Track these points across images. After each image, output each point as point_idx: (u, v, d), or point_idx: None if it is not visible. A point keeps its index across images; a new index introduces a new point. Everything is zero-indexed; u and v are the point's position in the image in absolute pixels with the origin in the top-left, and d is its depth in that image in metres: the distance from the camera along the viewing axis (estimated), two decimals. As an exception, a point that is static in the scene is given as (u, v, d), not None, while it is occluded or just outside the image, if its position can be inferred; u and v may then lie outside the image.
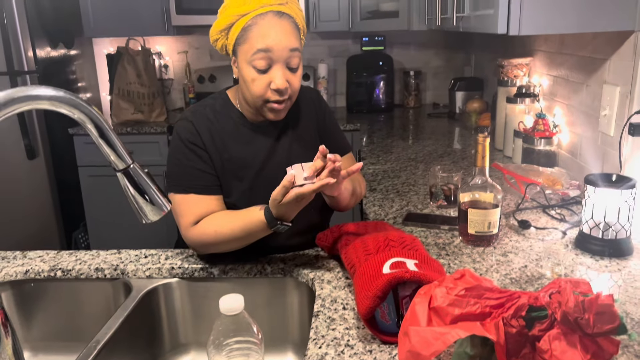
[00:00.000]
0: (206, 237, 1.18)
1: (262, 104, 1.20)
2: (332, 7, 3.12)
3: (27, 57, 2.73)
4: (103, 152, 0.77)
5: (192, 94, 3.44)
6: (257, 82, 1.17)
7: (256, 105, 1.22)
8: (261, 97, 1.19)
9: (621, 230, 1.18)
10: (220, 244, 1.19)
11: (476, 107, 2.74)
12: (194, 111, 1.28)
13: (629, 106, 1.38)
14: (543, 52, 2.02)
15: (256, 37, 1.15)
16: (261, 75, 1.17)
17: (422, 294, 0.80)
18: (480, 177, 1.25)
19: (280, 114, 1.23)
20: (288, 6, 1.18)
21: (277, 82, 1.16)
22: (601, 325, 0.65)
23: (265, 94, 1.18)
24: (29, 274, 1.25)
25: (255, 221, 1.13)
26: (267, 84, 1.17)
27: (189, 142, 1.23)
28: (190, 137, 1.24)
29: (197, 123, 1.25)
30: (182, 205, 1.21)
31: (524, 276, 1.12)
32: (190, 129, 1.24)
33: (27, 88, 0.71)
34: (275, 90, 1.17)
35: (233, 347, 0.79)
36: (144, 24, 3.09)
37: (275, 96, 1.18)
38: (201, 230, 1.19)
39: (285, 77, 1.17)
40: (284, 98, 1.19)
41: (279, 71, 1.16)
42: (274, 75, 1.16)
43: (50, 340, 1.28)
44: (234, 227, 1.16)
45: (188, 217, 1.20)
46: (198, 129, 1.24)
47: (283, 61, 1.17)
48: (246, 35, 1.16)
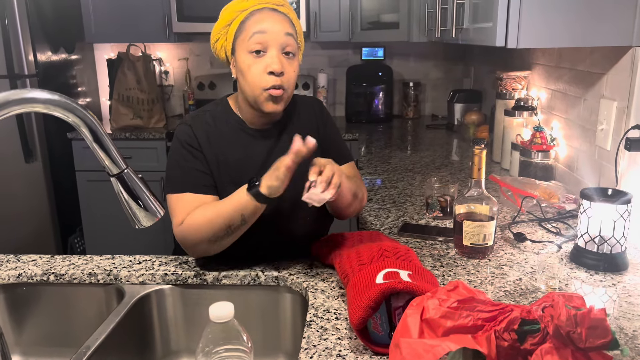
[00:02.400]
0: (193, 228, 1.17)
1: (260, 93, 1.20)
2: (333, 18, 3.13)
3: (27, 60, 2.74)
4: (97, 156, 0.77)
5: (191, 100, 3.45)
6: (253, 68, 1.19)
7: (254, 95, 1.21)
8: (258, 83, 1.19)
9: (616, 244, 1.18)
10: (206, 232, 1.16)
11: (474, 119, 2.75)
12: (194, 116, 1.31)
13: (626, 121, 1.38)
14: (541, 65, 2.03)
15: (252, 24, 1.19)
16: (257, 59, 1.18)
17: (415, 306, 0.80)
18: (476, 189, 1.25)
19: (278, 105, 1.22)
20: (284, 8, 1.24)
21: (272, 65, 1.17)
22: (593, 340, 0.65)
23: (262, 79, 1.18)
24: (21, 278, 1.25)
25: (239, 193, 1.13)
26: (263, 68, 1.18)
27: (186, 144, 1.25)
28: (187, 139, 1.25)
29: (194, 126, 1.27)
30: (176, 205, 1.21)
31: (518, 289, 1.11)
32: (188, 131, 1.26)
33: (23, 91, 0.71)
34: (271, 74, 1.18)
35: (222, 355, 0.78)
36: (145, 30, 3.10)
37: (271, 80, 1.18)
38: (188, 224, 1.18)
39: (281, 61, 1.19)
40: (279, 83, 1.19)
41: (273, 54, 1.18)
42: (270, 58, 1.18)
43: (42, 345, 1.28)
44: (219, 208, 1.16)
45: (180, 215, 1.19)
46: (195, 132, 1.26)
47: (278, 45, 1.19)
48: (243, 26, 1.20)
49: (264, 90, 1.19)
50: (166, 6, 3.05)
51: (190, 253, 1.24)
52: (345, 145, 1.47)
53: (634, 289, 1.11)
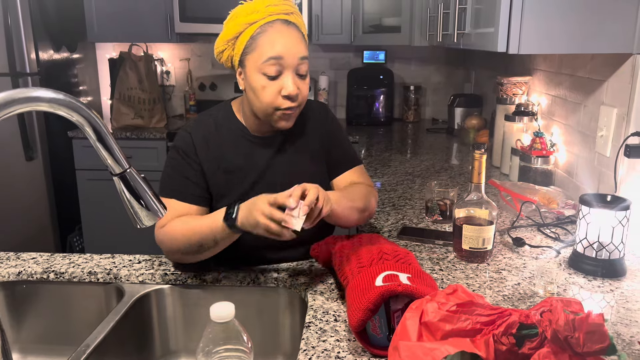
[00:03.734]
0: (169, 236, 1.17)
1: (273, 112, 1.19)
2: (335, 20, 3.14)
3: (29, 59, 2.75)
4: (100, 155, 0.77)
5: (192, 101, 3.46)
6: (268, 89, 1.17)
7: (266, 114, 1.20)
8: (272, 104, 1.18)
9: (615, 250, 1.18)
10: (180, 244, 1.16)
11: (475, 124, 2.75)
12: (196, 122, 1.30)
13: (626, 128, 1.39)
14: (542, 71, 2.04)
15: (266, 45, 1.15)
16: (271, 82, 1.17)
17: (414, 309, 0.80)
18: (475, 193, 1.25)
19: (290, 121, 1.22)
20: (293, 16, 1.20)
21: (288, 89, 1.16)
22: (591, 345, 0.65)
23: (276, 101, 1.18)
24: (21, 276, 1.25)
25: (216, 216, 1.11)
26: (277, 91, 1.17)
27: (182, 151, 1.25)
28: (184, 146, 1.26)
29: (194, 134, 1.27)
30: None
31: (516, 294, 1.12)
32: (187, 138, 1.26)
33: (27, 90, 0.71)
34: (286, 97, 1.17)
35: (222, 355, 0.79)
36: (148, 30, 3.11)
37: (286, 103, 1.18)
38: (165, 231, 1.18)
39: (296, 83, 1.18)
40: (295, 104, 1.19)
41: (289, 78, 1.17)
42: (285, 82, 1.17)
43: (41, 343, 1.28)
44: (197, 224, 1.15)
45: (162, 219, 1.19)
46: (194, 140, 1.26)
47: (293, 68, 1.17)
48: (255, 43, 1.16)
49: (277, 110, 1.19)
50: (168, 6, 3.05)
51: (166, 257, 1.26)
52: (353, 149, 1.44)
53: (632, 295, 1.12)
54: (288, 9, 1.19)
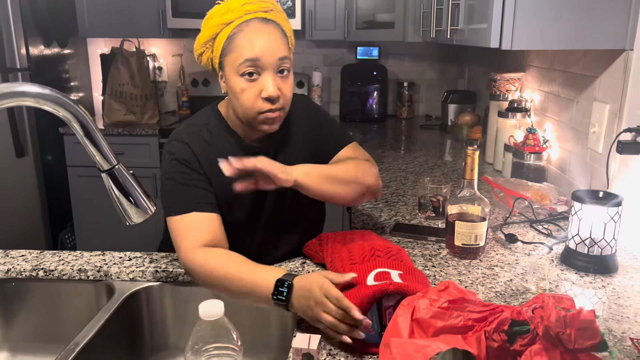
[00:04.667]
0: (207, 272, 1.10)
1: (255, 116, 1.14)
2: (328, 16, 3.13)
3: (19, 54, 2.72)
4: (88, 152, 0.76)
5: (185, 97, 3.44)
6: (247, 92, 1.12)
7: (248, 118, 1.16)
8: (252, 108, 1.13)
9: (606, 247, 1.19)
10: (216, 284, 1.09)
11: (468, 120, 2.75)
12: (189, 133, 1.22)
13: (618, 124, 1.39)
14: (535, 67, 2.04)
15: (243, 45, 1.10)
16: (250, 84, 1.12)
17: (405, 306, 0.80)
18: (468, 189, 1.25)
19: (274, 124, 1.17)
20: (273, 14, 1.15)
21: (268, 90, 1.11)
22: (582, 341, 0.65)
23: (256, 104, 1.13)
24: (10, 273, 1.23)
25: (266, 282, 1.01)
26: (257, 93, 1.12)
27: (185, 161, 1.18)
28: (185, 156, 1.18)
29: (193, 145, 1.19)
30: (182, 226, 1.14)
31: (508, 290, 1.12)
32: (185, 149, 1.19)
33: (13, 84, 0.70)
34: (266, 99, 1.12)
35: (212, 353, 0.78)
36: (140, 25, 3.08)
37: (267, 105, 1.12)
38: (203, 262, 1.10)
39: (276, 84, 1.12)
40: (276, 106, 1.13)
41: (269, 79, 1.12)
42: (264, 83, 1.11)
43: (30, 341, 1.26)
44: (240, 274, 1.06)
45: (190, 238, 1.12)
46: (194, 151, 1.19)
47: (272, 69, 1.12)
48: (232, 44, 1.12)
49: (259, 114, 1.14)
50: (161, 2, 3.03)
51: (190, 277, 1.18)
52: (342, 129, 1.41)
53: (624, 291, 1.12)
54: (266, 6, 1.14)
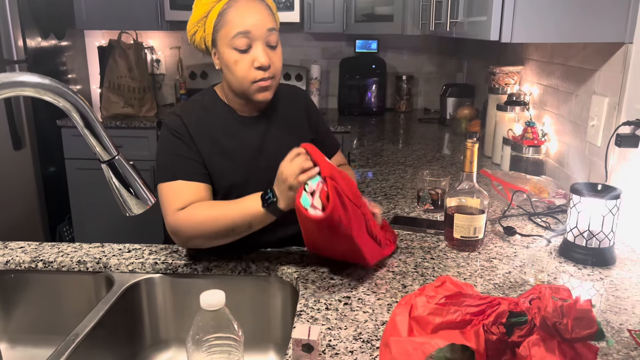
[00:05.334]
0: (194, 222, 1.15)
1: (249, 86, 1.23)
2: (327, 9, 3.12)
3: (17, 46, 2.70)
4: (88, 142, 0.76)
5: (183, 89, 3.42)
6: (240, 63, 1.21)
7: (243, 89, 1.24)
8: (246, 77, 1.21)
9: (604, 239, 1.19)
10: (207, 230, 1.15)
11: (466, 114, 2.75)
12: (182, 106, 1.32)
13: (617, 117, 1.39)
14: (534, 60, 2.04)
15: (234, 20, 1.19)
16: (243, 55, 1.21)
17: (403, 304, 0.80)
18: (467, 182, 1.25)
19: (268, 92, 1.25)
20: None
21: (260, 59, 1.20)
22: (579, 331, 0.66)
23: (250, 73, 1.21)
24: (9, 265, 1.23)
25: (251, 202, 1.12)
26: (250, 63, 1.21)
27: (176, 132, 1.25)
28: (177, 127, 1.26)
29: (184, 116, 1.27)
30: (168, 193, 1.20)
31: (507, 282, 1.12)
32: (177, 121, 1.26)
33: (12, 74, 0.70)
34: (259, 68, 1.21)
35: (213, 344, 0.78)
36: (137, 17, 3.07)
37: (259, 73, 1.21)
38: (188, 216, 1.16)
39: (267, 54, 1.21)
40: (268, 74, 1.22)
41: (259, 49, 1.21)
42: (256, 53, 1.20)
43: (29, 333, 1.27)
44: (227, 210, 1.14)
45: (174, 203, 1.18)
46: (185, 122, 1.26)
47: (262, 40, 1.21)
48: (223, 19, 1.20)
49: (252, 83, 1.22)
50: (159, -6, 3.02)
51: (180, 243, 1.22)
52: (333, 135, 1.57)
53: (621, 283, 1.13)
54: None
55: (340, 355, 0.88)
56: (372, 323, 0.97)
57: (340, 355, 0.88)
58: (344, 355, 0.87)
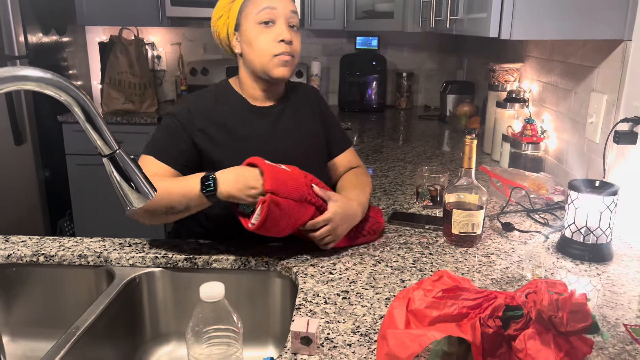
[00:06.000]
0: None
1: (270, 59, 1.25)
2: (328, 6, 3.12)
3: (18, 42, 2.71)
4: (89, 136, 0.76)
5: (184, 86, 3.43)
6: (264, 36, 1.25)
7: (263, 63, 1.26)
8: (268, 50, 1.25)
9: (602, 235, 1.20)
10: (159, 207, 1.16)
11: (466, 111, 2.76)
12: (195, 94, 1.36)
13: (615, 114, 1.40)
14: (534, 58, 2.04)
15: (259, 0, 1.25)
16: (267, 29, 1.25)
17: (400, 298, 0.81)
18: (466, 178, 1.26)
19: (286, 69, 1.27)
20: None
21: (283, 34, 1.25)
22: (574, 324, 0.66)
23: (272, 47, 1.25)
24: (11, 259, 1.24)
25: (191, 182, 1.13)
26: (273, 37, 1.25)
27: (173, 116, 1.29)
28: (178, 112, 1.29)
29: (193, 103, 1.31)
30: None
31: (504, 277, 1.13)
32: (182, 107, 1.30)
33: (15, 68, 0.70)
34: (281, 42, 1.25)
35: (212, 335, 0.79)
36: (138, 13, 3.07)
37: (282, 47, 1.25)
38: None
39: (290, 32, 1.26)
40: (290, 50, 1.26)
41: (282, 25, 1.26)
42: (280, 28, 1.25)
43: (31, 326, 1.28)
44: (167, 186, 1.15)
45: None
46: (191, 108, 1.29)
47: (285, 18, 1.26)
48: (249, 1, 1.26)
49: (274, 56, 1.25)
50: (160, -10, 3.02)
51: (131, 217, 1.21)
52: (344, 132, 1.55)
53: (618, 278, 1.14)
54: None
55: (339, 348, 0.88)
56: (370, 317, 0.98)
57: (338, 348, 0.88)
58: (342, 348, 0.88)
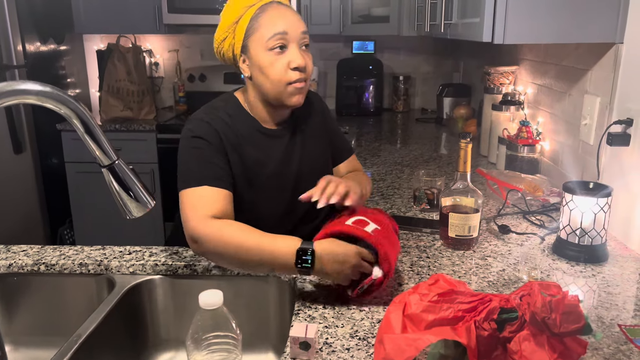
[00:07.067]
0: (222, 239, 1.09)
1: (284, 88, 1.20)
2: (324, 11, 3.14)
3: (16, 51, 2.72)
4: (89, 147, 0.78)
5: (182, 92, 3.45)
6: (276, 64, 1.18)
7: (277, 91, 1.20)
8: (282, 79, 1.19)
9: (597, 236, 1.21)
10: (232, 253, 1.09)
11: (463, 114, 2.77)
12: (208, 112, 1.25)
13: (608, 116, 1.42)
14: (528, 60, 2.06)
15: (269, 23, 1.18)
16: (279, 57, 1.18)
17: (397, 302, 0.83)
18: (462, 181, 1.27)
19: (301, 96, 1.23)
20: (285, 1, 1.27)
21: (297, 60, 1.18)
22: (567, 325, 0.68)
23: (286, 75, 1.19)
24: (12, 268, 1.25)
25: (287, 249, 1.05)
26: (286, 65, 1.18)
27: (204, 138, 1.20)
28: (205, 133, 1.20)
29: (214, 123, 1.22)
30: (193, 198, 1.14)
31: (501, 280, 1.14)
32: (206, 127, 1.21)
33: (15, 83, 0.72)
34: (295, 69, 1.19)
35: (212, 342, 0.80)
36: (136, 21, 3.09)
37: (296, 74, 1.19)
38: (218, 230, 1.10)
39: (302, 56, 1.20)
40: (304, 76, 1.21)
41: (295, 50, 1.19)
42: (293, 54, 1.19)
43: (32, 335, 1.28)
44: (259, 243, 1.07)
45: (200, 209, 1.12)
46: (217, 129, 1.21)
47: (297, 42, 1.20)
48: (257, 23, 1.18)
49: (288, 84, 1.19)
50: (156, -3, 3.04)
51: (198, 252, 1.15)
52: (346, 139, 1.53)
53: (613, 279, 1.15)
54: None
55: (337, 352, 0.90)
56: (369, 321, 0.99)
57: (337, 352, 0.90)
58: (341, 353, 0.89)
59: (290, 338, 0.87)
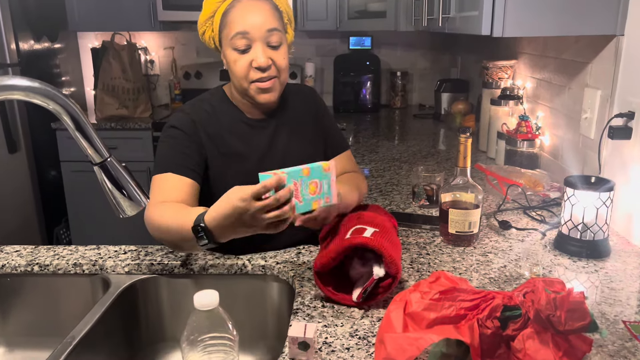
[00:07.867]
0: (157, 222, 1.13)
1: (248, 86, 1.22)
2: (320, 6, 3.12)
3: (9, 49, 2.69)
4: (79, 144, 0.76)
5: (178, 90, 3.42)
6: (239, 62, 1.20)
7: (243, 88, 1.23)
8: (244, 77, 1.21)
9: (599, 231, 1.19)
10: (164, 235, 1.12)
11: (461, 109, 2.76)
12: (192, 104, 1.31)
13: (609, 109, 1.40)
14: (527, 54, 2.04)
15: (234, 20, 1.19)
16: (242, 55, 1.20)
17: (398, 301, 0.81)
18: (461, 177, 1.26)
19: (270, 94, 1.23)
20: None
21: (258, 60, 1.19)
22: (572, 323, 0.66)
23: (248, 73, 1.20)
24: (5, 269, 1.23)
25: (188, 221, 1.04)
26: (248, 63, 1.20)
27: (179, 127, 1.24)
28: (182, 123, 1.25)
29: (193, 114, 1.27)
30: (155, 184, 1.20)
31: (502, 276, 1.13)
32: (185, 119, 1.26)
33: (2, 78, 0.69)
34: (257, 69, 1.20)
35: (208, 343, 0.78)
36: (130, 18, 3.06)
37: (257, 74, 1.20)
38: (159, 213, 1.13)
39: (266, 54, 1.20)
40: (267, 75, 1.21)
41: (259, 49, 1.19)
42: (254, 53, 1.19)
43: (27, 336, 1.27)
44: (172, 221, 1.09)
45: (157, 195, 1.17)
46: (194, 119, 1.26)
47: (262, 40, 1.20)
48: (226, 19, 1.20)
49: (250, 82, 1.21)
50: (151, -6, 3.01)
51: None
52: (341, 133, 1.51)
53: (616, 274, 1.13)
54: None
55: (337, 352, 0.88)
56: (368, 320, 0.97)
57: (336, 352, 0.88)
58: (340, 352, 0.88)
59: (288, 338, 0.85)
